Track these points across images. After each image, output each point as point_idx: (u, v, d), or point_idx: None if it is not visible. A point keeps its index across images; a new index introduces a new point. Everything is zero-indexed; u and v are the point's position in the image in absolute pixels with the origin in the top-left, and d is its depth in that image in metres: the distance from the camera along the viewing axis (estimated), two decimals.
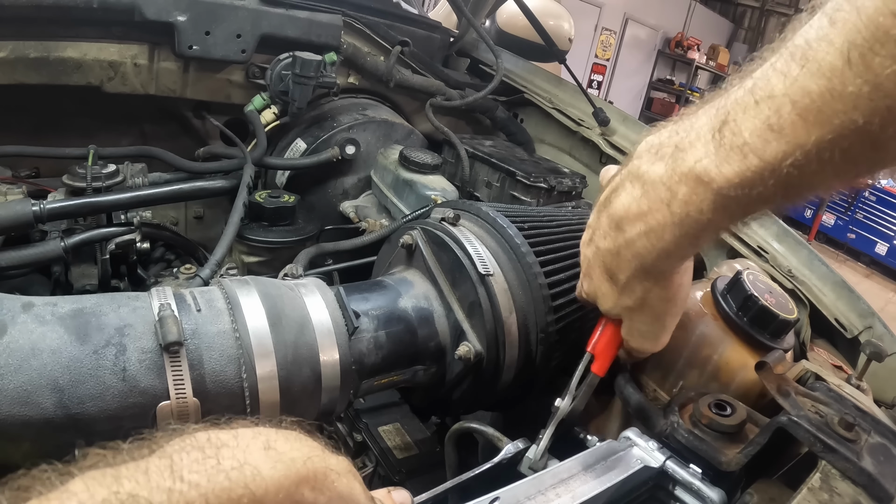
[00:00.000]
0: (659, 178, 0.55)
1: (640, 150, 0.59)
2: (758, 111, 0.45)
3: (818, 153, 0.43)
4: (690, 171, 0.51)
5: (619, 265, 0.63)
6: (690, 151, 0.51)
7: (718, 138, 0.49)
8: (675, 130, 0.55)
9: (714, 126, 0.49)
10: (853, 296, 1.26)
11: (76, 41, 1.26)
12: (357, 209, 1.45)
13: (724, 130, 0.48)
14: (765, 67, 0.46)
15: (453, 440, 0.83)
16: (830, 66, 0.41)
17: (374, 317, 0.80)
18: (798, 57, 0.43)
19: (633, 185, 0.58)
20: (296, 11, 1.45)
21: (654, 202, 0.55)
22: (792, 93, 0.43)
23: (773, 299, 0.78)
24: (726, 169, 0.48)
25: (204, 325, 0.64)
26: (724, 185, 0.48)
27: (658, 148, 0.56)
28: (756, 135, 0.45)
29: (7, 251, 0.97)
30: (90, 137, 1.22)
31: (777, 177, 0.45)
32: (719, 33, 11.90)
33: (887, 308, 6.93)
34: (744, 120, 0.46)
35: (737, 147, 0.47)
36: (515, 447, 0.70)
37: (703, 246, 0.60)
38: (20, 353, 0.54)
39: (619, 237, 0.61)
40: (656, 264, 0.60)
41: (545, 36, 1.80)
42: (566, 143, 1.81)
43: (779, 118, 0.44)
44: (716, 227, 0.53)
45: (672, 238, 0.55)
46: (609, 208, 0.62)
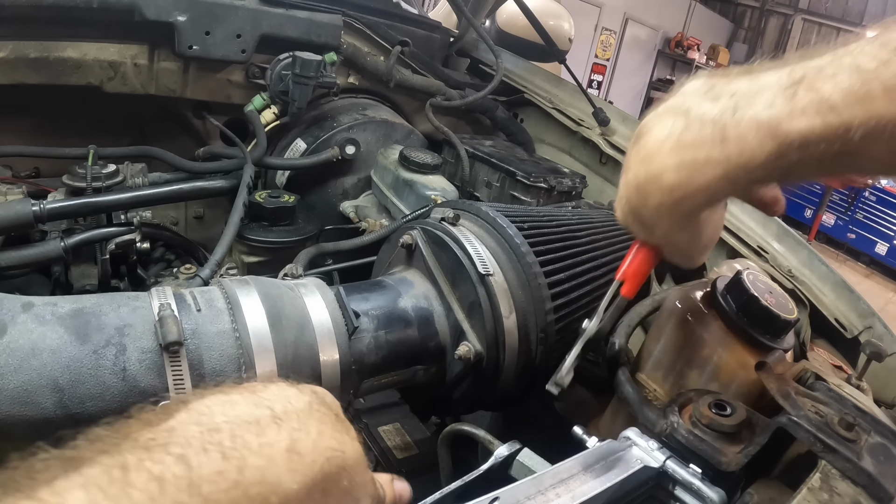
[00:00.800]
0: (711, 117, 0.52)
1: (687, 90, 0.57)
2: (841, 78, 0.46)
3: (893, 127, 0.44)
4: (755, 117, 0.50)
5: (645, 200, 0.60)
6: (758, 98, 0.50)
7: (791, 93, 0.48)
8: (728, 80, 0.53)
9: (785, 83, 0.49)
10: (853, 296, 1.26)
11: (76, 41, 1.26)
12: (357, 209, 1.45)
13: (799, 88, 0.48)
14: (847, 49, 0.47)
15: (446, 442, 0.82)
16: None
17: (374, 317, 0.80)
18: (891, 48, 0.44)
19: (676, 118, 0.55)
20: (296, 11, 1.45)
21: (701, 138, 0.53)
22: (882, 71, 0.44)
23: (774, 299, 0.78)
24: (798, 121, 0.47)
25: (204, 324, 0.64)
26: (790, 137, 0.47)
27: (710, 89, 0.54)
28: (838, 96, 0.45)
29: (7, 251, 0.97)
30: (90, 137, 1.22)
31: (843, 141, 0.45)
32: (719, 33, 11.90)
33: (887, 308, 6.93)
34: (825, 82, 0.47)
35: (814, 103, 0.47)
36: (508, 449, 0.69)
37: (727, 198, 0.59)
38: (20, 352, 0.54)
39: (649, 168, 0.58)
40: (683, 201, 0.57)
41: (545, 36, 1.80)
42: (566, 143, 1.82)
43: (864, 87, 0.44)
44: (757, 179, 0.52)
45: (709, 177, 0.53)
46: (641, 140, 0.59)
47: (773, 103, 0.49)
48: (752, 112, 0.50)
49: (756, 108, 0.50)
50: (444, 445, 0.82)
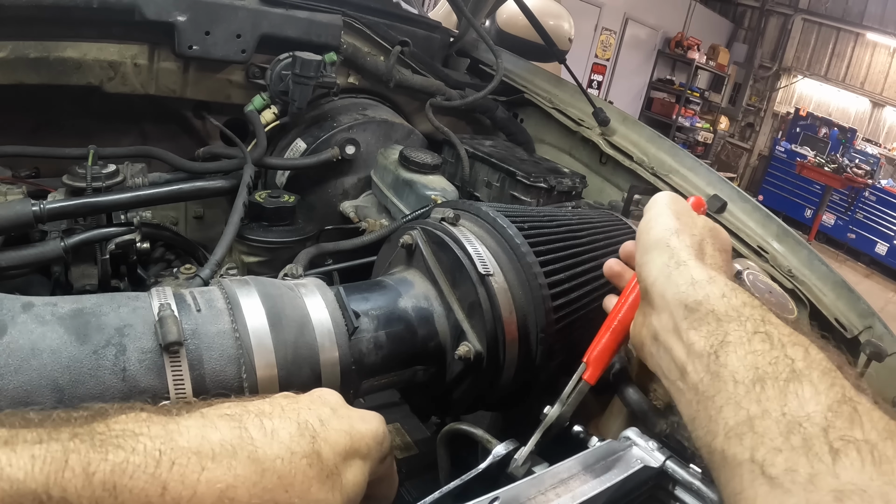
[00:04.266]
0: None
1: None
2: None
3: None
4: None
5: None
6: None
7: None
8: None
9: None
10: (853, 296, 1.26)
11: (76, 41, 1.26)
12: (357, 209, 1.45)
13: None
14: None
15: (445, 442, 0.82)
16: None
17: (374, 317, 0.80)
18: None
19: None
20: (296, 11, 1.45)
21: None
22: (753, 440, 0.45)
23: (774, 299, 0.78)
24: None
25: (204, 325, 0.64)
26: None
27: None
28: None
29: (7, 251, 0.97)
30: (90, 137, 1.22)
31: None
32: (719, 33, 11.90)
33: (887, 308, 6.94)
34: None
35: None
36: (505, 448, 0.69)
37: None
38: (20, 353, 0.54)
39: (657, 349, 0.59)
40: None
41: (545, 36, 1.80)
42: (566, 143, 1.82)
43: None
44: None
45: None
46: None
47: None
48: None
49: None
50: (442, 445, 0.82)
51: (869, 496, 0.36)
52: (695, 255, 0.56)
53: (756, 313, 0.50)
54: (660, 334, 0.55)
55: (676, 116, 10.74)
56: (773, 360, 0.46)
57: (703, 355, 0.49)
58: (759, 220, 1.40)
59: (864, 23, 10.05)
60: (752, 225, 1.39)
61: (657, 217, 0.61)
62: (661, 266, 0.56)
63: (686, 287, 0.53)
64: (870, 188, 9.07)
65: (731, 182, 1.51)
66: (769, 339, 0.47)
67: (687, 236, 0.58)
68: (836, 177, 8.94)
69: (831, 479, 0.38)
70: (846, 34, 10.48)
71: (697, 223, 0.61)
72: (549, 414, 0.71)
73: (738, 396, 0.45)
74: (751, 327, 0.48)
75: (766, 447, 0.42)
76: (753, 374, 0.45)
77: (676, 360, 0.53)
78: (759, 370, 0.45)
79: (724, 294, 0.51)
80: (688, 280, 0.53)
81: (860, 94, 10.57)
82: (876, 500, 0.36)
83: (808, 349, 0.46)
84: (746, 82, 11.80)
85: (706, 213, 0.72)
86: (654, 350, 0.56)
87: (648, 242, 0.59)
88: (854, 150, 10.02)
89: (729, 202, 1.42)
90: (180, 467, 0.39)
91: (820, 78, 10.98)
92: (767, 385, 0.44)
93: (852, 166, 9.26)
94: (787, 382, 0.44)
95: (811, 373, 0.44)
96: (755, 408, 0.44)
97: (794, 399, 0.43)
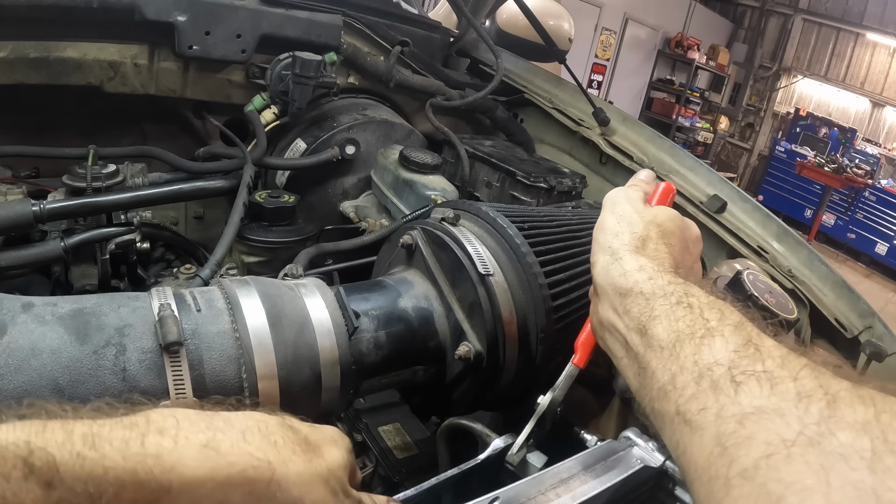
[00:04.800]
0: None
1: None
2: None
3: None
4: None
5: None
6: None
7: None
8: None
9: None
10: (853, 296, 1.26)
11: (76, 41, 1.26)
12: (357, 209, 1.45)
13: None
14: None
15: (444, 437, 0.82)
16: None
17: (374, 317, 0.80)
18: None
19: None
20: (296, 11, 1.45)
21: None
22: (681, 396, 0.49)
23: (774, 299, 0.78)
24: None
25: (204, 325, 0.64)
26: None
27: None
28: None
29: (7, 251, 0.97)
30: (90, 137, 1.22)
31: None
32: (719, 33, 11.89)
33: (887, 308, 6.93)
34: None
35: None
36: (504, 441, 0.70)
37: None
38: (20, 353, 0.54)
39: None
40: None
41: (545, 36, 1.80)
42: (566, 143, 1.82)
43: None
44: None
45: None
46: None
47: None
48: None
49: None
50: (442, 440, 0.82)
51: (765, 413, 0.41)
52: (632, 251, 0.63)
53: (679, 288, 0.56)
54: (605, 319, 0.62)
55: (676, 116, 10.74)
56: (691, 322, 0.52)
57: (636, 330, 0.57)
58: (759, 220, 1.40)
59: (864, 23, 10.04)
60: (752, 225, 1.39)
61: (604, 222, 0.68)
62: (603, 263, 0.64)
63: (619, 278, 0.61)
64: (870, 188, 9.07)
65: (731, 182, 1.51)
66: (690, 307, 0.53)
67: (627, 235, 0.65)
68: (836, 177, 8.94)
69: (734, 407, 0.43)
70: (846, 34, 10.47)
71: (644, 219, 0.67)
72: (543, 401, 0.72)
73: (664, 359, 0.51)
74: (674, 300, 0.55)
75: (684, 397, 0.47)
76: (674, 337, 0.52)
77: (619, 339, 0.60)
78: (679, 333, 0.52)
79: (650, 277, 0.59)
80: (620, 272, 0.61)
81: (860, 94, 10.56)
82: (771, 414, 0.40)
83: (723, 310, 0.52)
84: (746, 82, 11.80)
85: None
86: (603, 334, 0.63)
87: (597, 245, 0.67)
88: (854, 150, 10.02)
89: (729, 202, 1.42)
90: (158, 424, 0.43)
91: (820, 78, 10.98)
92: (685, 344, 0.50)
93: (852, 166, 9.26)
94: (701, 339, 0.50)
95: (723, 328, 0.50)
96: (675, 366, 0.50)
97: (706, 350, 0.48)
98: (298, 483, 0.47)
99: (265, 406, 0.55)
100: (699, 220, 1.42)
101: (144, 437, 0.41)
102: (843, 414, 0.38)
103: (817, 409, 0.39)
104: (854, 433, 0.36)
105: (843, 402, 0.39)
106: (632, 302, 0.58)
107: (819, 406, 0.39)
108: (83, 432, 0.39)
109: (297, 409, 0.68)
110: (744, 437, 0.40)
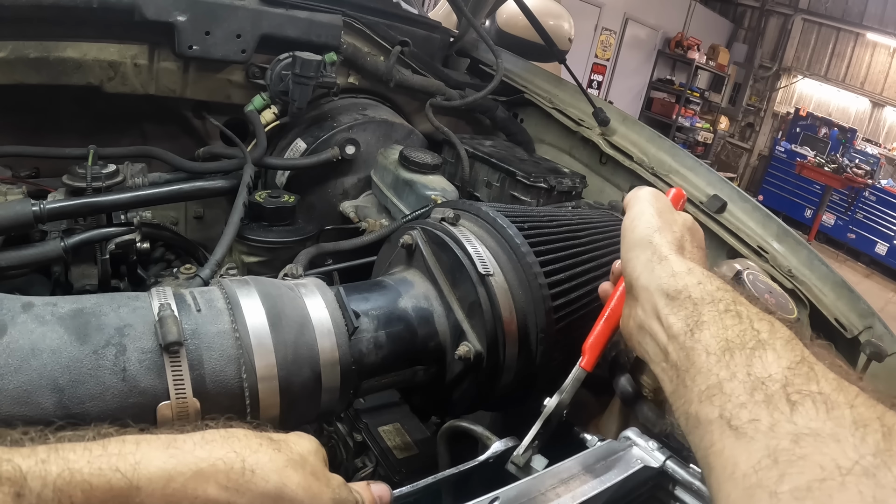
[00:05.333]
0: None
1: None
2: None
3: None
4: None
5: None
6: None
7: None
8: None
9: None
10: (853, 296, 1.26)
11: (76, 41, 1.26)
12: (357, 209, 1.45)
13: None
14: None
15: (445, 439, 0.82)
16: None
17: (374, 317, 0.80)
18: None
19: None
20: (296, 11, 1.45)
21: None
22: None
23: (773, 299, 0.78)
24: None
25: (204, 325, 0.64)
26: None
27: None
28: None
29: (7, 251, 0.97)
30: (90, 137, 1.22)
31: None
32: (719, 33, 11.89)
33: (887, 308, 6.93)
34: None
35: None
36: (504, 444, 0.70)
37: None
38: (20, 353, 0.54)
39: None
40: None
41: (545, 36, 1.80)
42: (566, 143, 1.82)
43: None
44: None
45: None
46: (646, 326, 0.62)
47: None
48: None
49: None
50: (443, 442, 0.82)
51: (821, 437, 0.40)
52: (675, 251, 0.61)
53: (728, 296, 0.55)
54: (644, 322, 0.60)
55: (676, 116, 10.73)
56: (741, 332, 0.51)
57: (681, 335, 0.55)
58: (759, 220, 1.40)
59: (864, 23, 10.04)
60: (752, 225, 1.39)
61: (640, 215, 0.65)
62: (644, 262, 0.61)
63: (667, 279, 0.59)
64: (870, 188, 9.07)
65: (731, 182, 1.51)
66: (738, 316, 0.52)
67: (668, 233, 0.63)
68: (835, 177, 8.94)
69: (789, 425, 0.42)
70: (846, 34, 10.47)
71: (678, 220, 0.66)
72: (549, 403, 0.71)
73: (710, 365, 0.50)
74: (722, 307, 0.54)
75: (732, 404, 0.46)
76: (724, 345, 0.50)
77: (659, 344, 0.58)
78: (728, 342, 0.50)
79: (700, 282, 0.57)
80: (669, 272, 0.59)
81: (860, 94, 10.56)
82: (827, 439, 0.40)
83: (773, 323, 0.51)
84: (746, 82, 11.79)
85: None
86: (640, 338, 0.61)
87: (633, 240, 0.64)
88: (854, 150, 10.01)
89: (729, 202, 1.42)
90: (117, 439, 0.45)
91: (820, 78, 10.98)
92: (735, 353, 0.49)
93: (852, 166, 9.25)
94: (752, 350, 0.49)
95: (775, 342, 0.49)
96: (724, 372, 0.49)
97: (758, 363, 0.47)
98: (274, 469, 0.47)
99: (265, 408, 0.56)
100: (699, 220, 1.42)
101: (106, 445, 0.43)
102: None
103: (874, 441, 0.39)
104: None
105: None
106: (679, 306, 0.56)
107: (875, 438, 0.39)
108: (45, 447, 0.41)
109: (297, 409, 0.68)
110: (797, 457, 0.40)
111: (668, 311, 0.57)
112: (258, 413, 0.64)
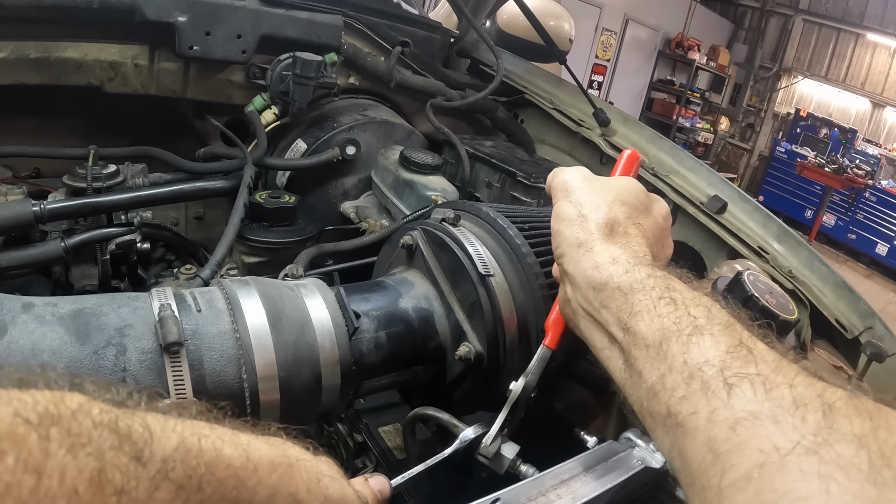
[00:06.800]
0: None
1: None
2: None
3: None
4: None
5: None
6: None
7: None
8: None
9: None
10: (854, 296, 1.26)
11: (76, 41, 1.26)
12: (357, 209, 1.45)
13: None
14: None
15: (410, 428, 0.81)
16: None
17: (374, 317, 0.80)
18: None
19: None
20: (296, 12, 1.45)
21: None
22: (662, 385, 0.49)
23: (774, 300, 0.78)
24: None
25: (204, 325, 0.64)
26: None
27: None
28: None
29: (7, 251, 0.97)
30: (90, 138, 1.22)
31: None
32: (719, 34, 11.90)
33: (888, 309, 6.93)
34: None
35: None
36: (474, 432, 0.69)
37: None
38: (20, 353, 0.54)
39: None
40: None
41: (545, 36, 1.80)
42: (566, 143, 1.81)
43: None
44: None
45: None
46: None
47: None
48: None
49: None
50: (408, 431, 0.81)
51: (760, 419, 0.39)
52: (601, 239, 0.60)
53: (659, 283, 0.54)
54: (581, 310, 0.59)
55: (677, 117, 10.74)
56: (676, 319, 0.50)
57: (619, 326, 0.54)
58: (760, 221, 1.40)
59: (864, 23, 10.04)
60: (753, 225, 1.39)
61: (562, 210, 0.64)
62: (570, 254, 0.61)
63: (591, 271, 0.58)
64: (870, 189, 9.07)
65: (732, 183, 1.51)
66: (674, 302, 0.51)
67: (592, 222, 0.61)
68: (836, 177, 8.94)
69: (726, 411, 0.41)
70: (846, 35, 10.47)
71: (606, 200, 0.63)
72: (514, 387, 0.70)
73: (650, 359, 0.50)
74: (656, 295, 0.53)
75: (675, 398, 0.46)
76: (660, 335, 0.50)
77: (600, 330, 0.57)
78: (664, 331, 0.50)
79: (626, 270, 0.56)
80: (592, 264, 0.58)
81: (860, 95, 10.56)
82: (766, 421, 0.39)
83: (710, 308, 0.50)
84: (747, 83, 11.80)
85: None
86: (578, 321, 0.61)
87: (559, 235, 0.63)
88: (854, 151, 10.02)
89: (729, 203, 1.42)
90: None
91: (820, 78, 10.98)
92: (672, 342, 0.48)
93: (853, 167, 9.25)
94: (689, 336, 0.48)
95: (712, 327, 0.48)
96: (663, 365, 0.48)
97: (695, 349, 0.46)
98: (333, 475, 0.49)
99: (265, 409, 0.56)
100: (700, 221, 1.42)
101: (207, 425, 0.39)
102: (841, 426, 0.37)
103: (814, 420, 0.38)
104: (852, 446, 0.36)
105: (840, 413, 0.38)
106: (608, 297, 0.56)
107: (816, 417, 0.38)
108: (154, 416, 0.35)
109: (298, 409, 0.68)
110: (735, 444, 0.39)
111: (598, 305, 0.57)
112: (258, 413, 0.64)
